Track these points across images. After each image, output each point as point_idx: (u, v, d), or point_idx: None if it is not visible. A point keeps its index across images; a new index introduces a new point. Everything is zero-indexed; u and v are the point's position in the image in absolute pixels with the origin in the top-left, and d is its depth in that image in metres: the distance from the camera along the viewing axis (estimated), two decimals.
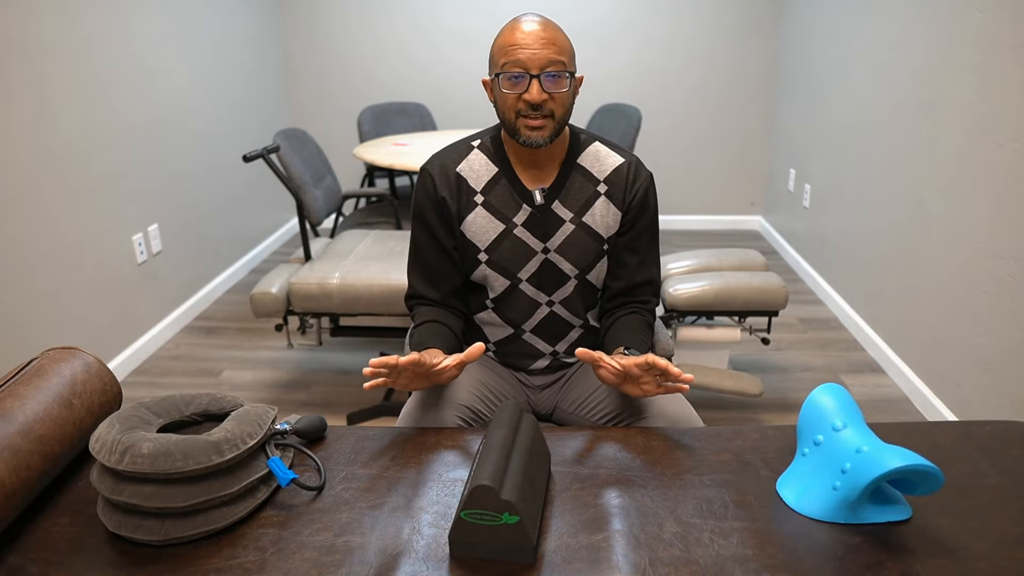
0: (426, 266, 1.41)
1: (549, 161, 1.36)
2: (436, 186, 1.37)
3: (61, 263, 2.48)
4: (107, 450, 0.90)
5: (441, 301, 1.42)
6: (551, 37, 1.23)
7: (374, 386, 1.09)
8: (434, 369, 1.16)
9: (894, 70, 2.76)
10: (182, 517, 0.90)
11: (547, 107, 1.24)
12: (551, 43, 1.22)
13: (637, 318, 1.40)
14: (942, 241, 2.41)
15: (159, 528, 0.89)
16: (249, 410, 1.01)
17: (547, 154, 1.35)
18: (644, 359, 1.12)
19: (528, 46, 1.22)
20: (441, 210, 1.38)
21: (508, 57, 1.23)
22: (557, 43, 1.23)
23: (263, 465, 0.97)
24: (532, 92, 1.23)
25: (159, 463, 0.88)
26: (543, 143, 1.27)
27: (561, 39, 1.24)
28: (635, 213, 1.38)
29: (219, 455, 0.90)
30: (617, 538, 0.91)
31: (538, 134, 1.26)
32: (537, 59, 1.22)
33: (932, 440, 1.12)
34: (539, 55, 1.22)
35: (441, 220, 1.38)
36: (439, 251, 1.40)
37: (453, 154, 1.39)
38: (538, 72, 1.22)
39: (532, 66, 1.22)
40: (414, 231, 1.42)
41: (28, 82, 2.31)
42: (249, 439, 0.95)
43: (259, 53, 4.08)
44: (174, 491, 0.89)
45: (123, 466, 0.88)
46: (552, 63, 1.22)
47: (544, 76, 1.23)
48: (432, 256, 1.40)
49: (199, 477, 0.90)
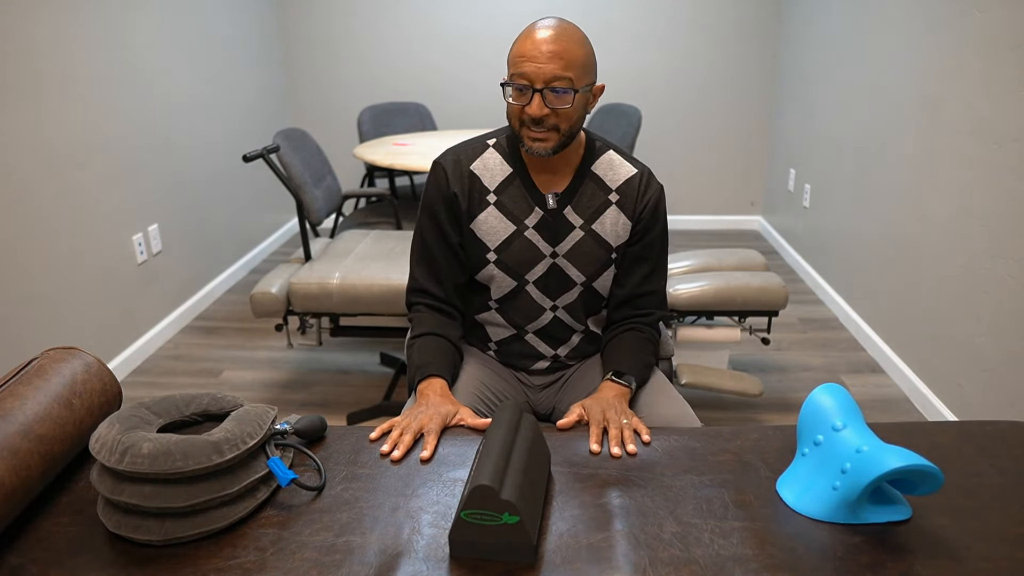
0: (432, 260, 1.41)
1: (564, 166, 1.35)
2: (448, 181, 1.36)
3: (61, 263, 2.48)
4: (107, 450, 0.90)
5: (444, 299, 1.42)
6: (559, 50, 1.19)
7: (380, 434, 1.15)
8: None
9: (894, 70, 2.76)
10: (182, 517, 0.90)
11: (550, 121, 1.23)
12: (558, 57, 1.19)
13: (634, 336, 1.40)
14: (942, 241, 2.41)
15: (159, 528, 0.89)
16: (249, 410, 1.01)
17: (562, 159, 1.34)
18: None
19: (534, 59, 1.20)
20: (451, 205, 1.37)
21: (516, 68, 1.22)
22: (566, 56, 1.19)
23: (263, 465, 0.97)
24: (533, 106, 1.22)
25: (159, 463, 0.88)
26: (546, 154, 1.27)
27: (572, 51, 1.20)
28: (645, 224, 1.37)
29: (219, 455, 0.90)
30: (617, 538, 0.91)
31: (540, 146, 1.26)
32: (542, 73, 1.20)
33: (932, 440, 1.12)
34: (544, 69, 1.19)
35: (450, 216, 1.38)
36: (446, 246, 1.39)
37: (468, 150, 1.39)
38: (542, 86, 1.21)
39: (536, 80, 1.20)
40: (422, 224, 1.41)
41: (28, 82, 2.31)
42: (249, 439, 0.95)
43: (259, 53, 4.08)
44: (174, 491, 0.89)
45: (123, 466, 0.88)
46: (557, 78, 1.20)
47: (548, 90, 1.21)
48: (439, 251, 1.40)
49: (199, 477, 0.90)
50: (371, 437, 1.13)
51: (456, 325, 1.43)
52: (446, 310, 1.42)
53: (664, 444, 1.12)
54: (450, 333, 1.39)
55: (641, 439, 1.13)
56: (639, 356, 1.36)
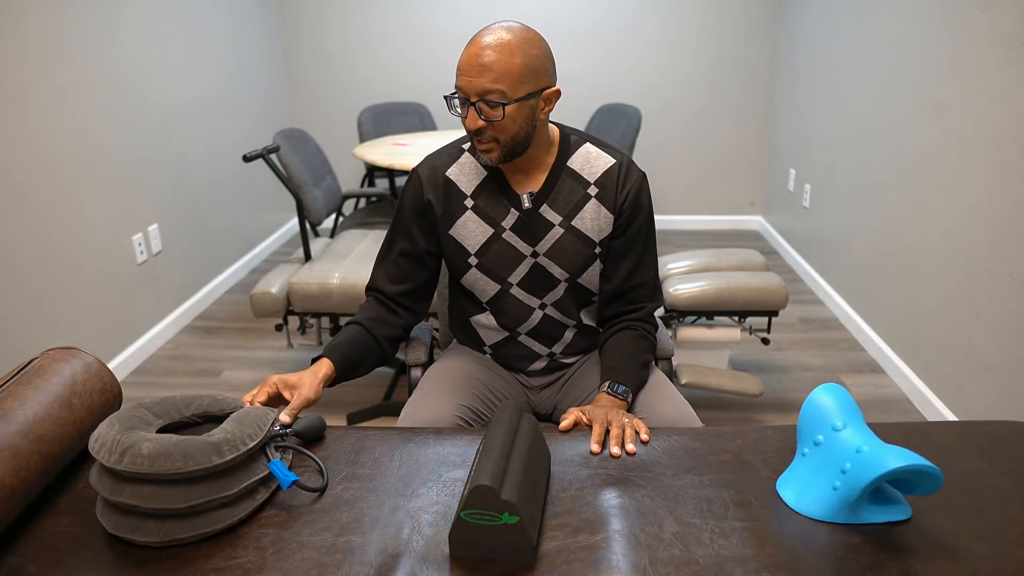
0: (392, 263, 1.41)
1: (537, 165, 1.34)
2: (423, 189, 1.37)
3: (61, 263, 2.48)
4: (107, 450, 0.90)
5: (393, 297, 1.41)
6: (490, 63, 1.17)
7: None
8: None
9: (894, 70, 2.76)
10: (181, 518, 0.90)
11: (487, 133, 1.23)
12: (487, 69, 1.17)
13: (629, 336, 1.39)
14: (942, 241, 2.41)
15: (158, 529, 0.89)
16: (249, 411, 1.01)
17: (535, 158, 1.33)
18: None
19: (467, 72, 1.19)
20: (424, 214, 1.37)
21: (456, 80, 1.22)
22: (496, 69, 1.17)
23: (263, 466, 0.97)
24: (469, 119, 1.22)
25: (159, 464, 0.88)
26: (495, 164, 1.27)
27: (504, 62, 1.17)
28: (628, 215, 1.36)
29: (219, 456, 0.90)
30: (617, 538, 0.91)
31: (487, 157, 1.26)
32: (473, 86, 1.19)
33: (932, 440, 1.11)
34: (475, 83, 1.18)
35: (423, 223, 1.38)
36: (410, 253, 1.39)
37: (444, 157, 1.39)
38: (476, 99, 1.20)
39: (471, 92, 1.20)
40: (392, 228, 1.41)
41: (28, 83, 2.31)
42: (249, 440, 0.94)
43: (259, 53, 4.08)
44: (173, 492, 0.88)
45: (123, 466, 0.88)
46: (487, 92, 1.18)
47: (483, 102, 1.20)
48: (402, 255, 1.40)
49: (199, 478, 0.90)
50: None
51: (394, 324, 1.40)
52: (390, 307, 1.41)
53: (664, 444, 1.12)
54: (377, 328, 1.37)
55: (640, 438, 1.13)
56: (634, 359, 1.36)
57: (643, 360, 1.37)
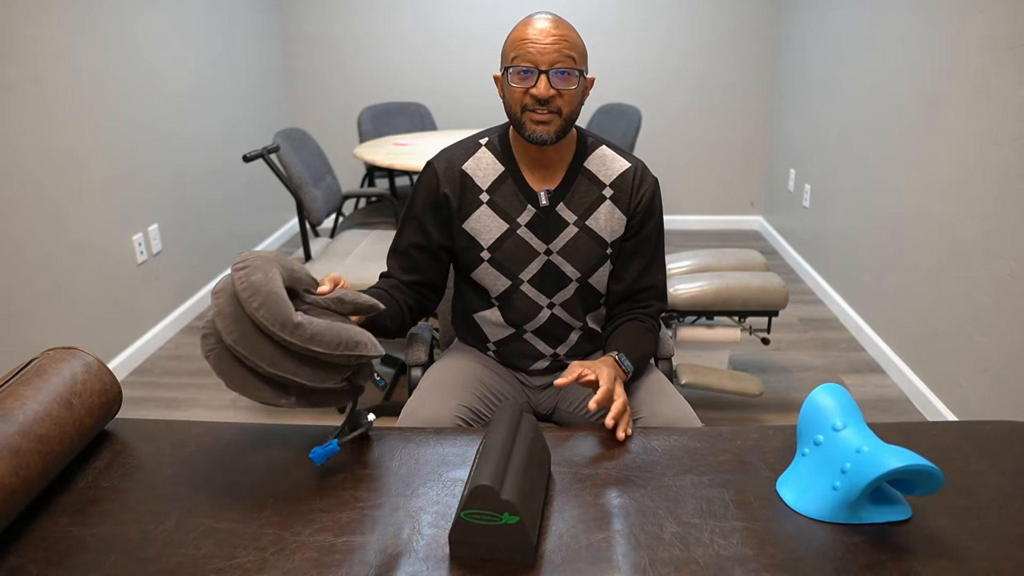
0: (405, 255, 1.41)
1: (556, 163, 1.35)
2: (439, 182, 1.37)
3: (61, 263, 2.48)
4: (282, 320, 0.96)
5: (407, 284, 1.41)
6: (563, 34, 1.23)
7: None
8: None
9: (894, 70, 2.76)
10: (305, 394, 1.03)
11: (554, 103, 1.24)
12: (562, 39, 1.22)
13: (635, 325, 1.40)
14: (942, 241, 2.41)
15: (281, 394, 1.00)
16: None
17: (554, 155, 1.34)
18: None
19: (539, 41, 1.22)
20: (439, 207, 1.37)
21: (518, 51, 1.23)
22: (569, 40, 1.23)
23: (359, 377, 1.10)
24: (540, 87, 1.23)
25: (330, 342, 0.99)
26: (548, 139, 1.27)
27: (573, 37, 1.24)
28: (641, 218, 1.38)
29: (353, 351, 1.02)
30: (617, 538, 0.91)
31: (543, 129, 1.26)
32: (547, 54, 1.22)
33: (932, 440, 1.12)
34: (549, 50, 1.22)
35: (437, 217, 1.38)
36: (423, 246, 1.39)
37: (460, 151, 1.39)
38: (547, 68, 1.22)
39: (542, 61, 1.22)
40: (405, 220, 1.41)
41: (28, 83, 2.31)
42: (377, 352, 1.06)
43: (259, 53, 4.08)
44: (313, 372, 1.00)
45: (288, 334, 0.95)
46: (562, 59, 1.22)
47: (553, 72, 1.23)
48: (415, 248, 1.40)
49: (322, 362, 1.01)
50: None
51: (409, 297, 1.40)
52: (404, 289, 1.41)
53: (664, 444, 1.12)
54: (402, 298, 1.37)
55: (626, 430, 1.14)
56: (639, 346, 1.36)
57: (646, 351, 1.38)
